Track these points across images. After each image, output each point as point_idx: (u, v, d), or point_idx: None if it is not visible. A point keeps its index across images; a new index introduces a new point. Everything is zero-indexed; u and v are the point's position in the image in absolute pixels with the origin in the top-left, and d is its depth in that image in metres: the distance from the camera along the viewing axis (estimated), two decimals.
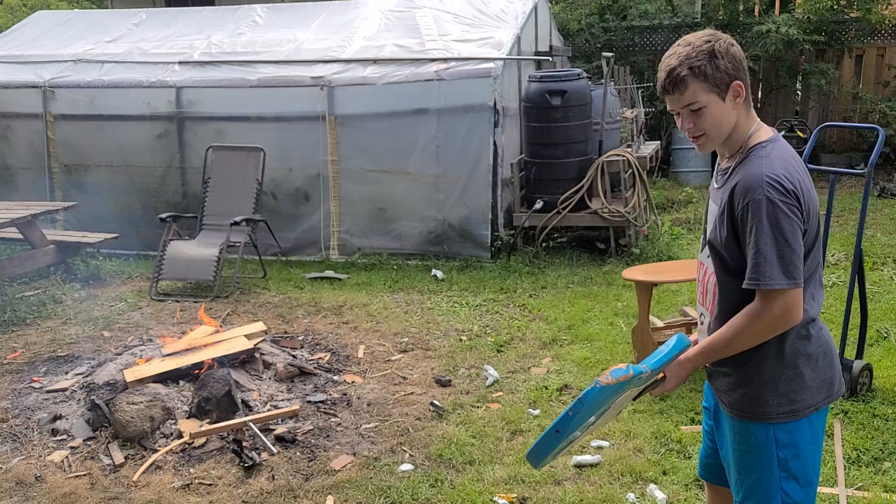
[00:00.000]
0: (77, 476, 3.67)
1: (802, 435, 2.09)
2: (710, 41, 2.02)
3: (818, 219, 2.06)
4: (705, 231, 2.22)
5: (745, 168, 2.04)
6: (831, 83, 10.37)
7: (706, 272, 2.18)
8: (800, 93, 11.01)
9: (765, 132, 2.10)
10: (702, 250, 2.22)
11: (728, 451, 2.20)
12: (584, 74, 7.17)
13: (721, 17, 10.72)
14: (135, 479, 3.64)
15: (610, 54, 7.29)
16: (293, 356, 4.83)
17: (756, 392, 2.09)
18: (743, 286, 2.01)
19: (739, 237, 2.02)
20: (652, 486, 3.41)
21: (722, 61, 2.01)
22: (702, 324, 2.24)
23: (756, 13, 10.68)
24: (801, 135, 10.04)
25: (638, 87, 8.84)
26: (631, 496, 3.36)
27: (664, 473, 3.52)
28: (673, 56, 2.06)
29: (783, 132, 9.94)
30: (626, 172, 6.97)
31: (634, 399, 2.24)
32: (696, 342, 2.21)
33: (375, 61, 7.31)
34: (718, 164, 2.22)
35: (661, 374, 2.17)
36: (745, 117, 2.10)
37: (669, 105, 2.13)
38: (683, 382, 2.20)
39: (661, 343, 3.40)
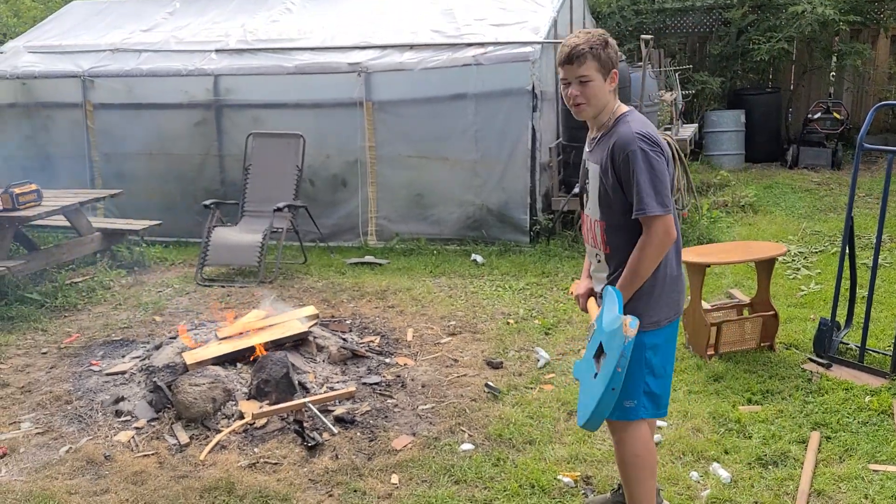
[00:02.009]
0: (145, 455, 3.75)
1: (660, 340, 2.74)
2: (604, 35, 2.65)
3: (668, 163, 2.62)
4: (584, 190, 2.81)
5: (617, 131, 2.63)
6: (867, 64, 10.25)
7: (592, 221, 2.78)
8: (834, 74, 10.89)
9: (624, 108, 2.71)
10: (584, 206, 2.84)
11: None
12: (623, 57, 7.13)
13: None
14: (201, 458, 3.72)
15: (648, 37, 7.25)
16: (344, 339, 4.89)
17: (633, 309, 2.63)
18: (632, 217, 2.59)
19: (622, 183, 2.60)
20: (715, 464, 3.44)
21: (611, 51, 2.63)
22: (599, 262, 2.83)
23: None
24: (837, 116, 9.96)
25: (675, 70, 8.77)
26: (694, 475, 3.39)
27: (726, 452, 3.54)
28: (577, 37, 2.64)
29: (819, 113, 9.88)
30: None
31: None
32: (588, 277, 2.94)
33: (412, 47, 7.32)
34: (589, 135, 2.80)
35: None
36: (614, 100, 2.70)
37: (563, 74, 2.67)
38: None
39: (712, 324, 4.14)
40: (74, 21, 9.03)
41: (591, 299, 2.95)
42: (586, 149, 2.81)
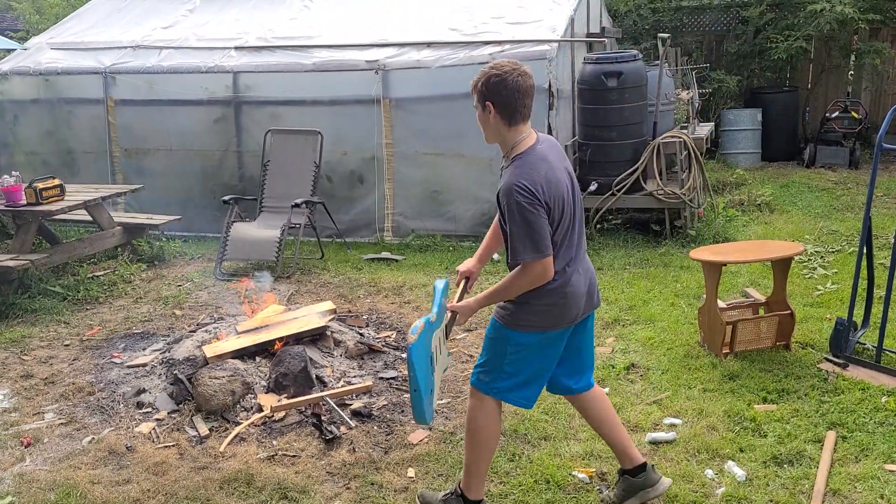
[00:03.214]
0: (166, 447, 3.82)
1: (526, 341, 2.92)
2: (492, 71, 2.76)
3: (563, 201, 2.78)
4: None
5: (506, 174, 2.79)
6: (886, 63, 10.18)
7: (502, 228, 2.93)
8: (853, 73, 10.82)
9: (525, 144, 2.80)
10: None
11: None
12: (640, 56, 7.13)
13: None
14: (221, 449, 3.78)
15: (666, 35, 7.24)
16: (361, 334, 4.94)
17: (514, 310, 2.90)
18: (508, 262, 2.87)
19: (504, 223, 2.81)
20: (730, 462, 3.46)
21: (490, 85, 2.73)
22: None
23: None
24: (855, 115, 9.90)
25: (692, 69, 8.76)
26: (709, 473, 3.41)
27: (741, 451, 3.56)
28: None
29: (837, 112, 9.82)
30: (681, 154, 6.95)
31: (447, 337, 2.99)
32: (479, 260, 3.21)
33: (430, 44, 7.36)
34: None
35: (449, 314, 2.95)
36: (508, 130, 2.79)
37: None
38: (471, 315, 3.03)
39: (728, 323, 4.16)
40: (96, 18, 9.13)
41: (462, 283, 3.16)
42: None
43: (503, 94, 2.73)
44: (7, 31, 12.31)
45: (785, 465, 3.44)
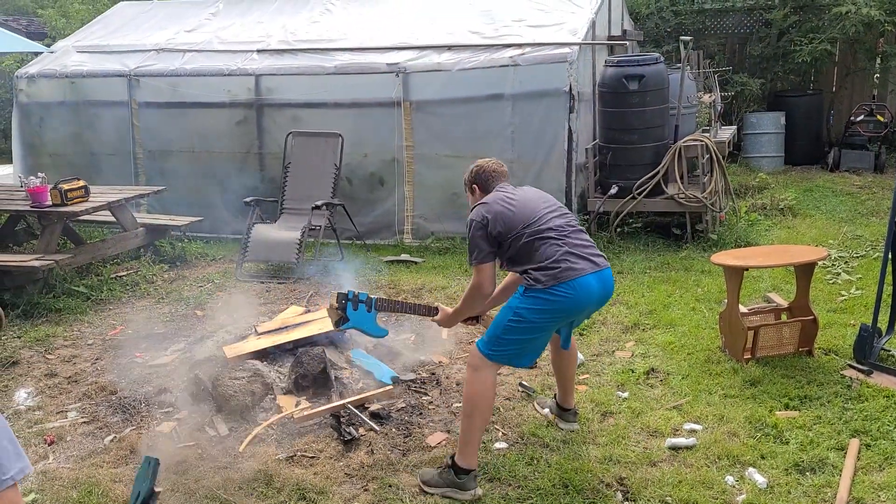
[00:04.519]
0: (186, 446, 3.85)
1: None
2: (476, 166, 3.72)
3: (521, 225, 3.39)
4: None
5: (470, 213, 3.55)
6: None
7: None
8: (878, 76, 10.68)
9: (482, 198, 3.59)
10: None
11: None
12: (662, 59, 7.09)
13: None
14: (240, 449, 3.81)
15: (688, 38, 7.20)
16: None
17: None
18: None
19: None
20: (751, 469, 3.42)
21: (471, 175, 3.70)
22: None
23: None
24: (880, 119, 9.78)
25: (714, 72, 8.69)
26: (730, 479, 3.38)
27: (762, 458, 3.52)
28: None
29: (862, 116, 9.70)
30: (703, 157, 6.90)
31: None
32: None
33: (450, 47, 7.37)
34: None
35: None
36: (479, 196, 3.64)
37: None
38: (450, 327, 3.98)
39: (750, 328, 4.39)
40: (121, 22, 9.25)
41: None
42: None
43: (482, 177, 3.68)
44: (34, 35, 12.51)
45: (807, 473, 3.40)
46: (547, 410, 4.02)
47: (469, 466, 3.35)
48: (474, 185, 3.68)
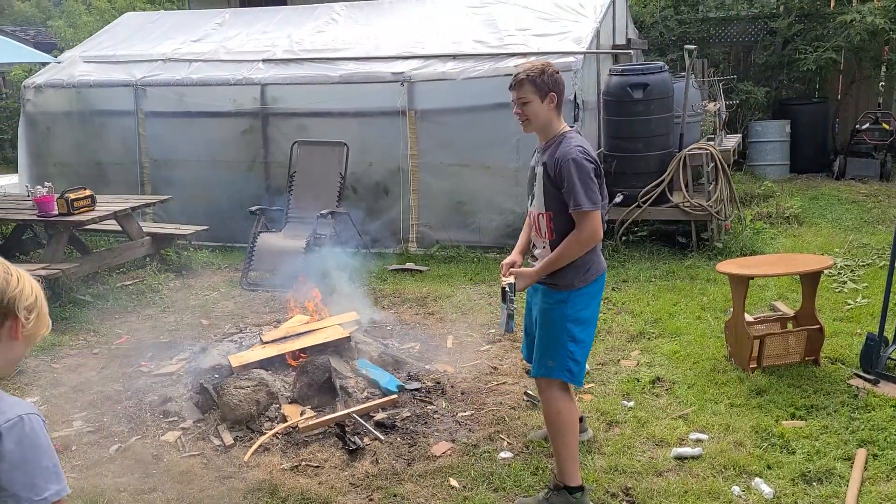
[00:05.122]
0: (191, 455, 3.85)
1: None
2: (543, 65, 3.19)
3: (603, 179, 3.20)
4: (531, 191, 3.29)
5: (558, 146, 3.16)
6: None
7: (538, 216, 3.27)
8: (884, 84, 10.66)
9: (567, 128, 3.23)
10: (531, 204, 3.31)
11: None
12: (666, 67, 7.10)
13: (802, 7, 10.44)
14: (245, 459, 3.81)
15: (692, 47, 7.20)
16: (385, 345, 4.95)
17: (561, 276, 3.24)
18: (573, 209, 3.10)
19: (559, 186, 3.13)
20: (757, 479, 3.41)
21: (546, 77, 3.14)
22: (542, 248, 3.31)
23: (832, 4, 10.38)
24: (886, 126, 9.76)
25: (719, 80, 8.69)
26: (736, 489, 3.36)
27: (768, 468, 3.51)
28: (520, 66, 3.25)
29: (867, 124, 9.68)
30: (708, 166, 6.89)
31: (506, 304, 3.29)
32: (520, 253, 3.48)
33: (455, 57, 7.39)
34: (538, 148, 3.32)
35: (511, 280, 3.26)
36: (556, 118, 3.22)
37: (512, 97, 3.22)
38: (530, 285, 3.33)
39: (755, 337, 4.33)
40: (128, 32, 9.31)
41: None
42: (534, 158, 3.34)
43: (561, 87, 3.19)
44: (42, 46, 12.59)
45: (814, 483, 3.38)
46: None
47: (579, 483, 3.27)
48: (553, 93, 3.17)
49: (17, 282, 1.68)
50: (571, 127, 3.28)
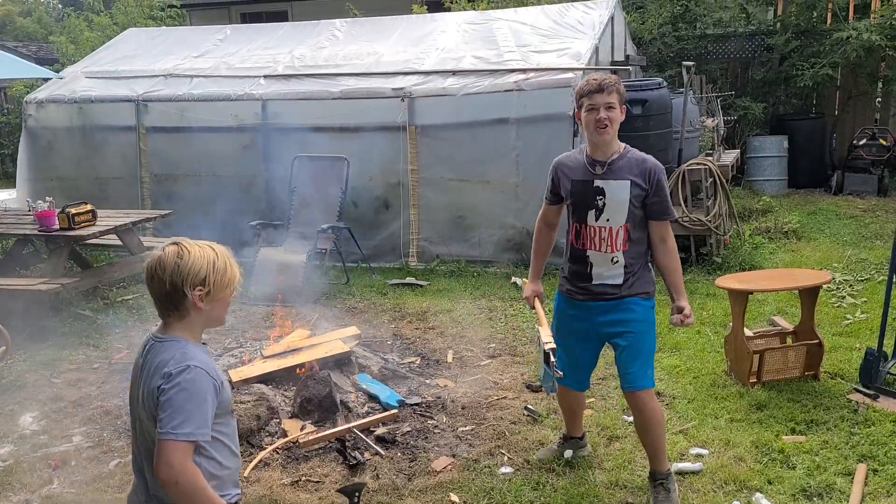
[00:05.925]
0: None
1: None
2: (618, 79, 3.32)
3: None
4: (593, 206, 3.28)
5: (635, 158, 3.27)
6: None
7: (609, 230, 3.29)
8: (880, 100, 10.73)
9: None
10: (597, 219, 3.30)
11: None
12: (665, 83, 7.15)
13: (798, 24, 10.53)
14: (245, 474, 3.80)
15: (690, 63, 7.26)
16: (385, 360, 4.96)
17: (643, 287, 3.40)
18: (663, 219, 3.30)
19: (645, 196, 3.24)
20: (758, 494, 3.41)
21: (623, 90, 3.27)
22: (615, 262, 3.32)
23: (828, 21, 10.46)
24: (883, 143, 9.81)
25: (717, 96, 8.75)
26: None
27: (769, 482, 3.51)
28: (602, 75, 3.34)
29: (865, 139, 9.74)
30: (707, 181, 6.93)
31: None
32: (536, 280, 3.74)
33: (455, 72, 7.45)
34: (593, 160, 3.30)
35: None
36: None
37: (590, 101, 3.22)
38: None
39: (755, 352, 4.34)
40: (129, 48, 9.37)
41: (537, 299, 3.65)
42: (596, 170, 3.29)
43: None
44: (44, 61, 12.67)
45: (814, 499, 3.38)
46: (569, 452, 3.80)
47: (669, 468, 3.45)
48: (624, 107, 3.33)
49: (187, 263, 2.00)
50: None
